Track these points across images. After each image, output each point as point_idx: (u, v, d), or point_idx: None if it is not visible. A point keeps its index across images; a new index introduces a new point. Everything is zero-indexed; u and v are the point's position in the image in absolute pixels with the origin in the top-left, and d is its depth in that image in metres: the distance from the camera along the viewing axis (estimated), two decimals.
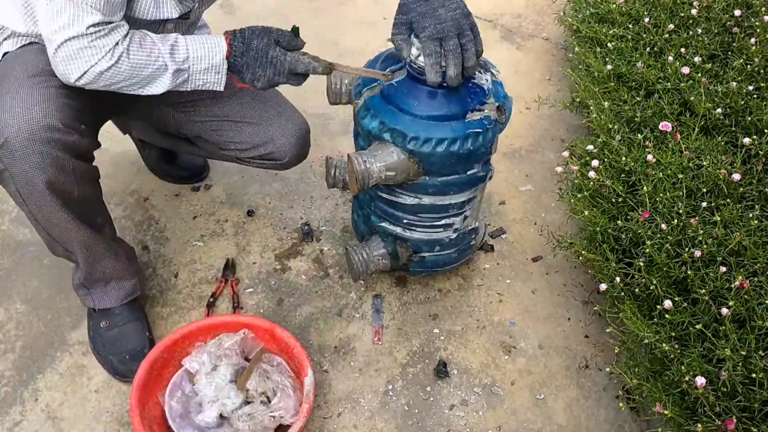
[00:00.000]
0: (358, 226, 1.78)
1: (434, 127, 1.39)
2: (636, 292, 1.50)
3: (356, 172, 1.39)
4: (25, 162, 1.27)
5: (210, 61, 1.37)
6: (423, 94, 1.41)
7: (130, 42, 1.31)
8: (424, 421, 1.60)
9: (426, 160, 1.43)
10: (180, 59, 1.35)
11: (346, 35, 2.62)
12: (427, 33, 1.31)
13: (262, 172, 2.12)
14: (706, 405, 1.27)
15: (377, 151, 1.42)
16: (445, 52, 1.32)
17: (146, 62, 1.32)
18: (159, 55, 1.33)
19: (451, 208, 1.59)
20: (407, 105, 1.41)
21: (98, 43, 1.27)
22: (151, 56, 1.33)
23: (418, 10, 1.32)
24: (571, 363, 1.72)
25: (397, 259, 1.68)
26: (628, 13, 2.16)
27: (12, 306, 1.76)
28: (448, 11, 1.31)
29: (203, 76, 1.39)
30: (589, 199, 1.69)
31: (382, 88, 1.44)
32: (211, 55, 1.37)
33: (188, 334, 1.57)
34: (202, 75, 1.38)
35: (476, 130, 1.40)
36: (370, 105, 1.45)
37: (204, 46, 1.36)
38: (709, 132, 1.79)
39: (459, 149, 1.40)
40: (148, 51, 1.32)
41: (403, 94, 1.42)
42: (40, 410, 1.58)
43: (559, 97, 2.29)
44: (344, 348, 1.73)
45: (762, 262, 1.42)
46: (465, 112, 1.41)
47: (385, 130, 1.41)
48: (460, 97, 1.41)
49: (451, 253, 1.74)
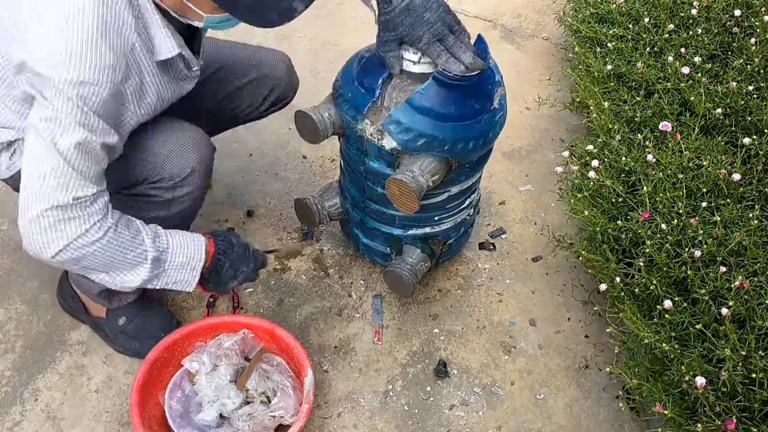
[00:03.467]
0: (375, 250, 1.75)
1: (469, 128, 1.42)
2: (636, 292, 1.49)
3: (412, 191, 1.37)
4: (201, 189, 1.43)
5: (189, 254, 1.34)
6: (453, 96, 1.39)
7: (119, 218, 1.25)
8: (424, 421, 1.60)
9: (465, 157, 1.46)
10: (161, 247, 1.30)
11: (346, 35, 2.62)
12: (425, 40, 1.33)
13: (262, 172, 2.12)
14: (706, 405, 1.27)
15: (415, 164, 1.41)
16: (449, 50, 1.34)
17: (130, 244, 1.25)
18: (142, 240, 1.27)
19: (473, 186, 1.64)
20: (442, 111, 1.39)
21: (84, 213, 1.18)
22: (136, 239, 1.26)
23: (406, 22, 1.32)
24: (571, 363, 1.72)
25: (433, 255, 1.70)
26: (628, 13, 2.16)
27: (12, 306, 1.76)
28: (433, 13, 1.32)
29: (177, 272, 1.34)
30: (589, 199, 1.69)
31: (410, 98, 1.40)
32: (193, 247, 1.35)
33: (188, 334, 1.57)
34: (176, 271, 1.33)
35: (500, 113, 1.48)
36: (401, 118, 1.39)
37: (185, 238, 1.34)
38: (709, 132, 1.78)
39: (492, 137, 1.48)
40: (133, 232, 1.26)
41: (435, 101, 1.39)
42: (40, 410, 1.58)
43: (559, 97, 2.28)
44: (344, 348, 1.73)
45: (762, 262, 1.42)
46: (490, 101, 1.45)
47: (424, 141, 1.39)
48: (482, 89, 1.44)
49: (468, 228, 1.81)
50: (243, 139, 2.22)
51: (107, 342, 1.68)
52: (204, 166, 1.42)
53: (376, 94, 1.41)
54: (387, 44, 1.37)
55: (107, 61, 1.14)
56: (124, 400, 1.60)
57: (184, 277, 1.35)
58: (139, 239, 1.27)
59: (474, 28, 2.63)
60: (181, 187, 1.40)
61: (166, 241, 1.31)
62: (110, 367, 1.66)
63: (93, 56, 1.12)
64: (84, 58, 1.11)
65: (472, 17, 2.74)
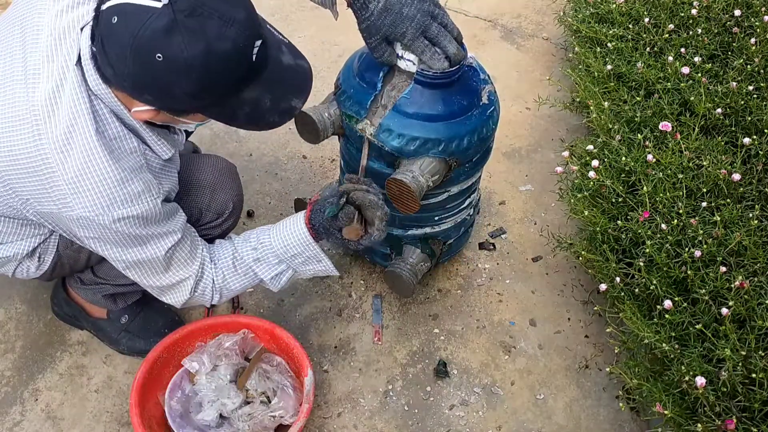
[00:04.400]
0: (375, 250, 1.75)
1: (460, 124, 1.41)
2: (636, 292, 1.49)
3: (412, 191, 1.37)
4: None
5: (298, 250, 1.40)
6: (438, 95, 1.40)
7: (224, 271, 1.40)
8: (424, 421, 1.60)
9: (462, 155, 1.45)
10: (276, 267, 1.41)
11: (347, 35, 2.61)
12: (408, 36, 1.32)
13: (262, 172, 2.12)
14: (706, 405, 1.27)
15: (415, 164, 1.41)
16: (433, 40, 1.32)
17: (243, 283, 1.42)
18: (254, 273, 1.41)
19: (473, 186, 1.64)
20: (429, 112, 1.40)
21: (195, 297, 1.39)
22: (247, 276, 1.41)
23: (387, 22, 1.32)
24: (571, 363, 1.72)
25: (433, 255, 1.69)
26: (628, 13, 2.16)
27: (12, 306, 1.76)
28: (411, 7, 1.31)
29: (306, 267, 1.44)
30: (589, 199, 1.69)
31: (396, 104, 1.41)
32: (292, 232, 1.40)
33: (188, 334, 1.57)
34: (304, 266, 1.44)
35: (491, 108, 1.46)
36: (390, 125, 1.41)
37: (286, 235, 1.40)
38: (709, 132, 1.78)
39: (487, 133, 1.47)
40: (242, 272, 1.41)
41: (421, 103, 1.40)
42: (40, 410, 1.58)
43: (559, 97, 2.28)
44: (344, 348, 1.73)
45: (762, 262, 1.42)
46: (477, 96, 1.44)
47: (418, 144, 1.40)
48: (468, 86, 1.43)
49: (468, 228, 1.80)
50: (243, 139, 2.22)
51: (110, 344, 1.67)
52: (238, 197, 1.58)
53: (378, 87, 1.42)
54: (377, 49, 1.36)
55: (139, 187, 1.19)
56: (124, 400, 1.60)
57: (317, 268, 1.44)
58: (250, 275, 1.42)
59: (474, 28, 2.65)
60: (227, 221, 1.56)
61: (270, 248, 1.40)
62: (110, 367, 1.66)
63: (125, 190, 1.18)
64: (119, 196, 1.17)
65: (472, 17, 2.74)
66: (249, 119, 1.16)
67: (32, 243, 1.38)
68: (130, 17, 1.03)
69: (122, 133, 1.18)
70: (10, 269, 1.42)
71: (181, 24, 1.01)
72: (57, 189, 1.15)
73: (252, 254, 1.39)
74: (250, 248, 1.39)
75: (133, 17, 1.02)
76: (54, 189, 1.15)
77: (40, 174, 1.14)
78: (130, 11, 1.03)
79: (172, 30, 1.01)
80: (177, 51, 1.02)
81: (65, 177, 1.13)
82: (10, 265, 1.40)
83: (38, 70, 1.14)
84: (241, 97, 1.12)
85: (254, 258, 1.39)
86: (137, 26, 1.02)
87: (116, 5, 1.04)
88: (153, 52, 1.02)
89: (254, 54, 1.08)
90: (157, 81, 1.06)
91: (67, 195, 1.15)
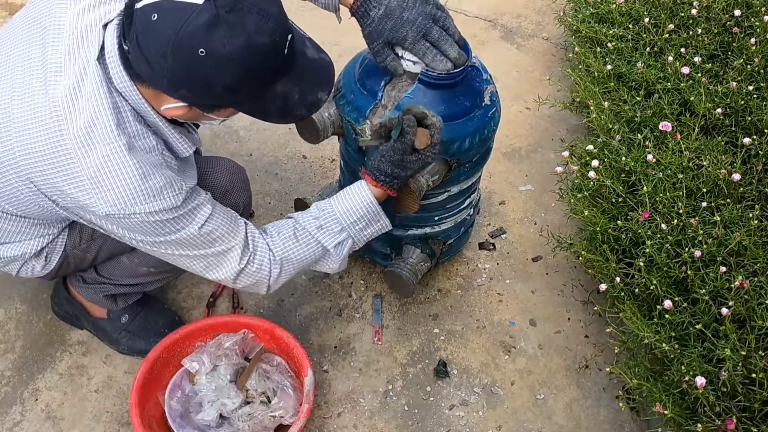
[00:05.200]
0: (375, 250, 1.75)
1: (463, 126, 1.41)
2: (636, 292, 1.49)
3: (412, 191, 1.38)
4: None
5: (361, 214, 1.39)
6: (441, 96, 1.39)
7: (284, 241, 1.37)
8: (424, 421, 1.60)
9: (463, 156, 1.45)
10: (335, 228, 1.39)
11: (347, 35, 2.61)
12: (409, 39, 1.32)
13: (262, 172, 2.12)
14: (706, 405, 1.27)
15: None
16: (434, 44, 1.33)
17: (305, 253, 1.39)
18: (317, 242, 1.39)
19: (473, 186, 1.63)
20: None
21: (251, 270, 1.34)
22: (309, 246, 1.39)
23: (387, 27, 1.32)
24: (571, 363, 1.72)
25: (433, 255, 1.69)
26: (628, 13, 2.16)
27: (12, 306, 1.76)
28: (411, 11, 1.31)
29: (367, 231, 1.43)
30: (589, 199, 1.69)
31: (398, 104, 1.40)
32: (359, 201, 1.38)
33: (188, 334, 1.57)
34: (364, 231, 1.42)
35: (493, 109, 1.46)
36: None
37: (350, 202, 1.39)
38: (709, 132, 1.78)
39: (488, 134, 1.47)
40: (304, 242, 1.38)
41: (423, 104, 1.38)
42: (40, 410, 1.58)
43: (559, 97, 2.28)
44: (344, 348, 1.73)
45: (762, 262, 1.42)
46: (480, 98, 1.44)
47: None
48: (470, 87, 1.43)
49: (468, 228, 1.79)
50: (243, 139, 2.22)
51: (110, 344, 1.68)
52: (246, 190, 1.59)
53: (379, 96, 1.41)
54: (379, 53, 1.36)
55: (161, 181, 1.18)
56: (124, 400, 1.60)
57: (375, 229, 1.43)
58: (313, 244, 1.39)
59: (474, 28, 2.65)
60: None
61: (332, 210, 1.39)
62: (110, 367, 1.66)
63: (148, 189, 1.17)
64: (142, 191, 1.16)
65: (472, 17, 2.74)
66: (280, 113, 1.17)
67: (41, 243, 1.38)
68: (171, 14, 1.03)
69: (141, 131, 1.18)
70: (15, 268, 1.42)
71: (222, 19, 1.02)
72: (80, 184, 1.15)
73: (314, 222, 1.38)
74: (311, 217, 1.39)
75: (175, 14, 1.03)
76: (77, 184, 1.15)
77: (63, 169, 1.14)
78: (169, 8, 1.03)
79: (214, 25, 1.02)
80: (219, 46, 1.03)
81: (87, 172, 1.13)
82: (15, 264, 1.40)
83: (59, 67, 1.14)
84: (274, 90, 1.13)
85: (317, 226, 1.38)
86: (179, 22, 1.02)
87: (154, 3, 1.05)
88: (196, 48, 1.03)
89: (286, 48, 1.11)
90: (197, 76, 1.06)
91: (90, 190, 1.15)
